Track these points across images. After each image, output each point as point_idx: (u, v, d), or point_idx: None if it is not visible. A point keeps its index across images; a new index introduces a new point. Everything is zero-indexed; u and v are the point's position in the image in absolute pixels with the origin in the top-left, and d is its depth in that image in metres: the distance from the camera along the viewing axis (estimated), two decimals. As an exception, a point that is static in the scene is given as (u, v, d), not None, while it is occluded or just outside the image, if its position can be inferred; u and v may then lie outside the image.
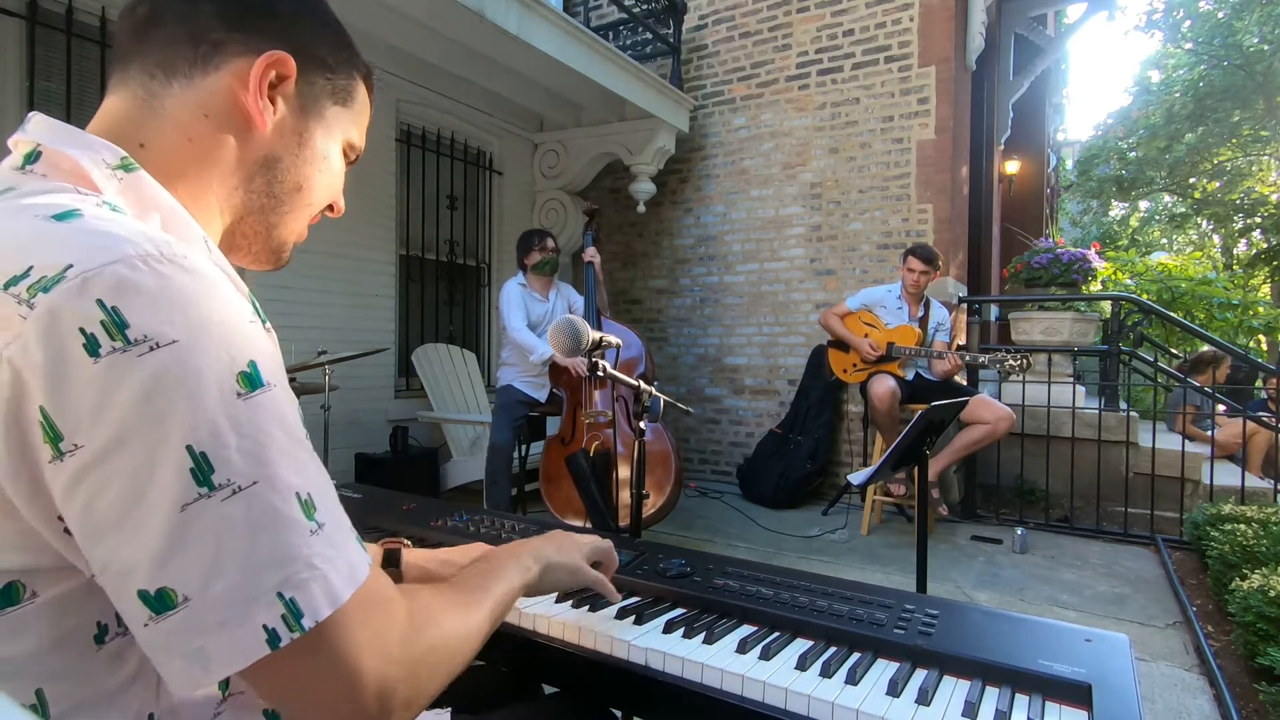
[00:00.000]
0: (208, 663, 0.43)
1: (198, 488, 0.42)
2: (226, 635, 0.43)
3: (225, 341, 0.45)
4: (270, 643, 0.44)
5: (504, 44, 3.69)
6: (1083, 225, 20.10)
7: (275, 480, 0.45)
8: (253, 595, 0.43)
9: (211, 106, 0.59)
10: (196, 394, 0.43)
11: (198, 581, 0.42)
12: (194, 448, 0.42)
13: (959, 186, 4.76)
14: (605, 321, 3.59)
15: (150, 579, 0.42)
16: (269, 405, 0.46)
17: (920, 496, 1.92)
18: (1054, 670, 0.71)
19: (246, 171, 0.62)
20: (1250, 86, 13.55)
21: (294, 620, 0.44)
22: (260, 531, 0.44)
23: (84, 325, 0.41)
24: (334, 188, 0.70)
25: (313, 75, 0.64)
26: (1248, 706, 2.09)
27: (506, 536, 1.15)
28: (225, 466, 0.43)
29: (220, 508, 0.43)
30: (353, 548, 0.49)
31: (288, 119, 0.63)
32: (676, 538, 3.77)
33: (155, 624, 0.43)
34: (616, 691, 0.83)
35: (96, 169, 0.52)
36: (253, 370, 0.46)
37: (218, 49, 0.58)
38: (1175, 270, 8.02)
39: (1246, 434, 4.35)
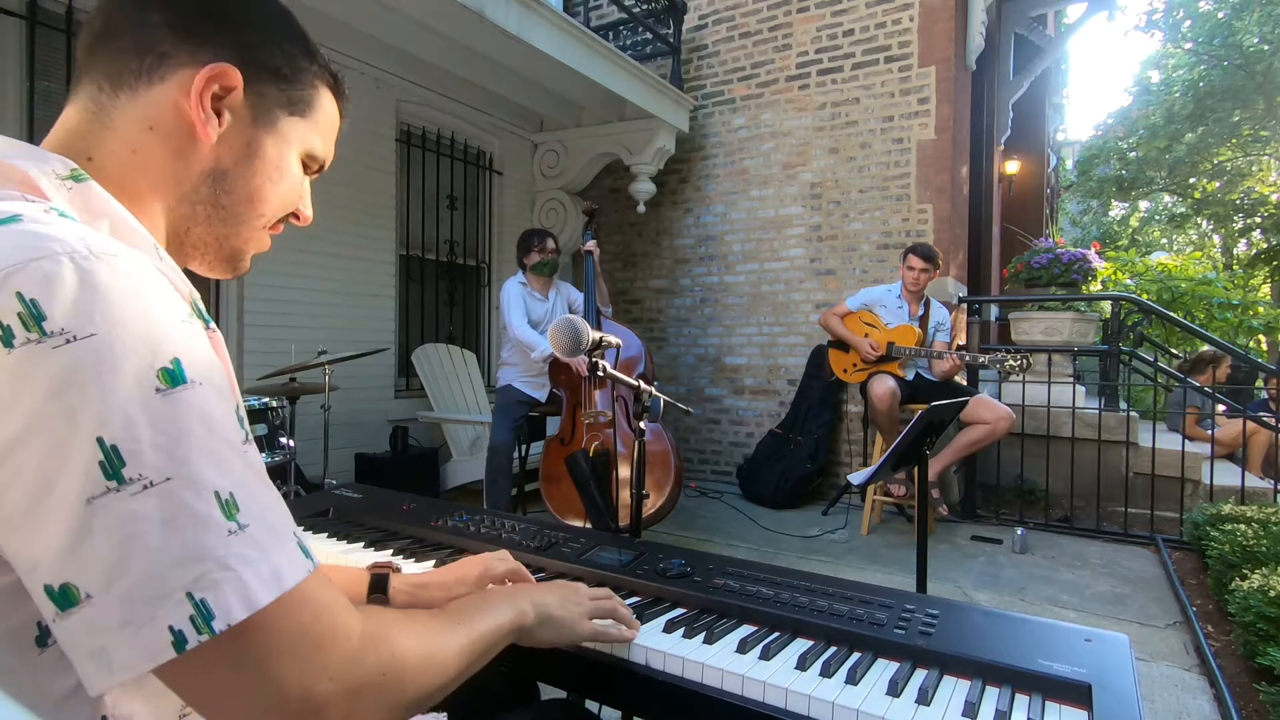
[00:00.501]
0: (110, 663, 0.42)
1: (106, 481, 0.41)
2: (129, 636, 0.42)
3: (147, 337, 0.44)
4: (176, 645, 0.42)
5: (504, 44, 3.69)
6: (1083, 225, 20.10)
7: (191, 477, 0.44)
8: (159, 594, 0.42)
9: (156, 119, 0.59)
10: (110, 386, 0.42)
11: (99, 578, 0.41)
12: (104, 440, 0.41)
13: (959, 186, 4.76)
14: (605, 321, 3.59)
15: (54, 574, 0.41)
16: (192, 402, 0.45)
17: (920, 496, 1.92)
18: (1054, 670, 0.71)
19: (192, 183, 0.61)
20: (1250, 86, 13.55)
21: (203, 622, 0.43)
22: (170, 528, 0.43)
23: (2, 318, 0.41)
24: (290, 198, 0.69)
25: (264, 86, 0.63)
26: (1248, 706, 2.09)
27: (506, 537, 1.15)
28: (136, 461, 0.42)
29: (129, 502, 0.42)
30: (283, 552, 0.47)
31: (235, 130, 0.62)
32: (676, 538, 3.77)
33: (60, 620, 0.42)
34: (616, 691, 0.83)
35: (45, 179, 0.52)
36: (175, 367, 0.45)
37: (163, 61, 0.58)
38: (1175, 270, 8.02)
39: (1246, 434, 4.35)
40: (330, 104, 0.70)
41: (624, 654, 0.80)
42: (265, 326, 3.82)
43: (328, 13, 3.53)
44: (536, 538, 1.13)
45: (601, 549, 1.07)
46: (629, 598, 0.94)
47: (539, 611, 0.75)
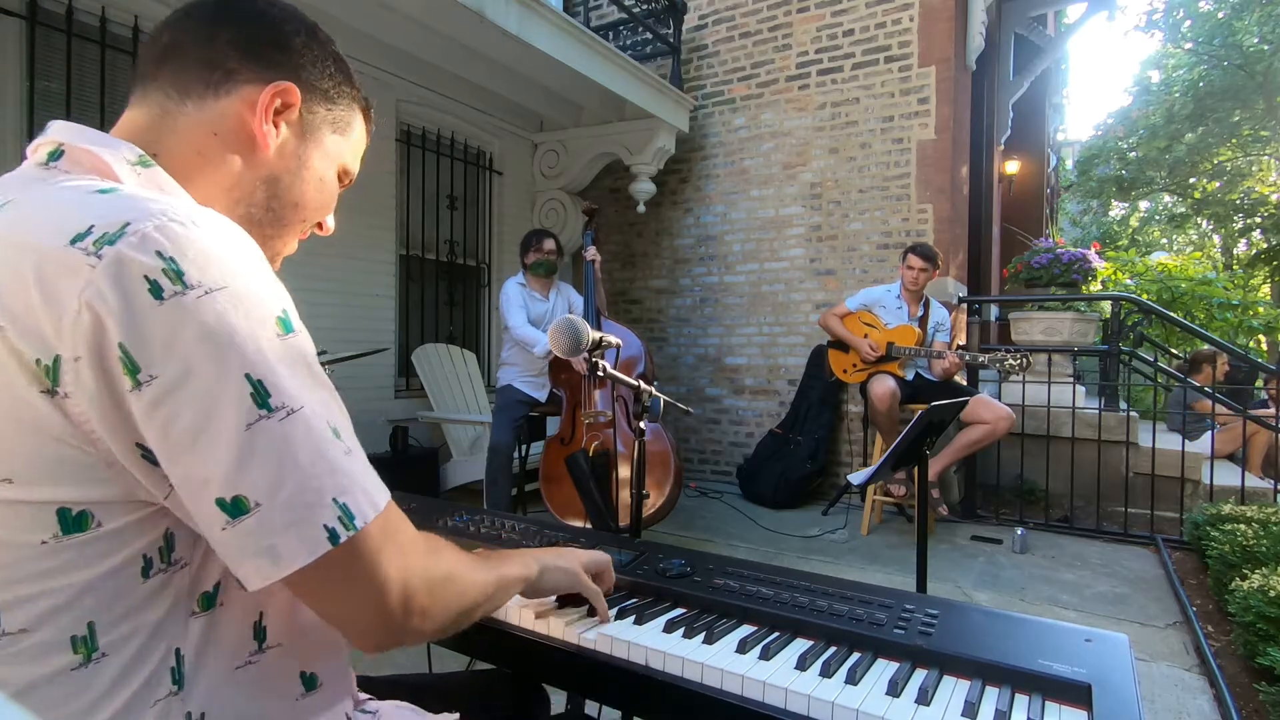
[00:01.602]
0: (278, 559, 0.50)
1: (258, 410, 0.49)
2: (294, 534, 0.50)
3: (265, 289, 0.53)
4: (331, 539, 0.51)
5: (504, 44, 3.69)
6: (1083, 225, 20.10)
7: (317, 406, 0.53)
8: (313, 501, 0.51)
9: (221, 127, 0.65)
10: (249, 332, 0.50)
11: (265, 489, 0.50)
12: (251, 376, 0.49)
13: (959, 186, 4.76)
14: (605, 321, 3.59)
15: (225, 488, 0.49)
16: (301, 347, 0.54)
17: (920, 496, 1.92)
18: (1054, 670, 0.71)
19: (249, 187, 0.68)
20: (1250, 86, 13.55)
21: (348, 520, 0.52)
22: (313, 448, 0.52)
23: (147, 274, 0.47)
24: (327, 208, 0.77)
25: (315, 105, 0.71)
26: (1248, 706, 2.09)
27: (507, 537, 1.15)
28: (279, 393, 0.50)
29: (279, 427, 0.50)
30: (374, 473, 0.57)
31: (290, 142, 0.69)
32: (676, 538, 3.77)
33: (232, 527, 0.49)
34: (616, 691, 0.83)
35: (117, 164, 0.58)
36: (286, 316, 0.54)
37: (230, 76, 0.65)
38: (1175, 270, 8.02)
39: (1247, 434, 4.35)
40: (362, 126, 0.78)
41: (624, 654, 0.81)
42: (265, 326, 3.82)
43: (328, 12, 3.53)
44: (536, 538, 1.13)
45: (602, 549, 1.07)
46: (629, 598, 0.94)
47: (541, 564, 0.83)
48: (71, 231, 0.48)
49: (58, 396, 0.48)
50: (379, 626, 0.57)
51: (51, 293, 0.47)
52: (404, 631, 0.58)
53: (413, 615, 0.58)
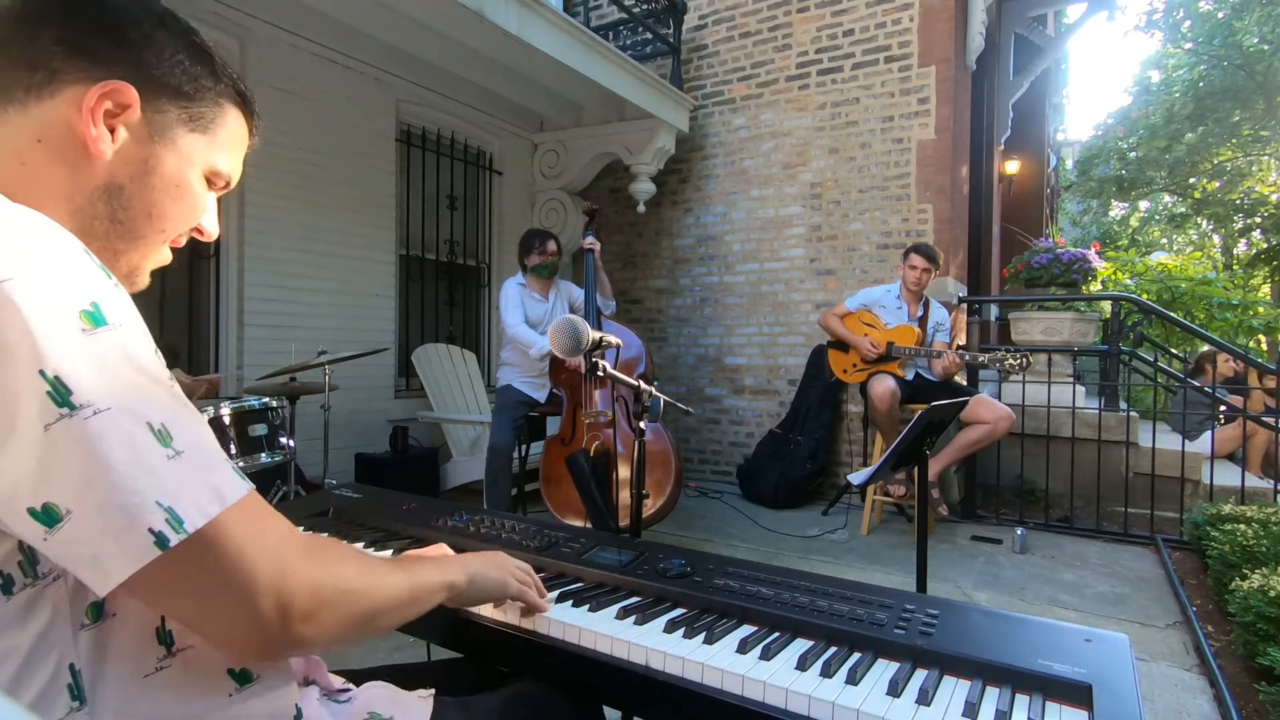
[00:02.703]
0: (105, 568, 0.47)
1: (58, 408, 0.46)
2: (113, 541, 0.47)
3: (62, 281, 0.48)
4: (159, 544, 0.48)
5: (504, 44, 3.69)
6: (1083, 225, 20.10)
7: (132, 402, 0.49)
8: (132, 504, 0.47)
9: (46, 133, 0.59)
10: (46, 326, 0.46)
11: (74, 493, 0.46)
12: (45, 373, 0.46)
13: (959, 186, 4.76)
14: (605, 322, 3.59)
15: (33, 496, 0.46)
16: (119, 341, 0.50)
17: (920, 496, 1.92)
18: (1054, 670, 0.71)
19: (86, 198, 0.61)
20: (1250, 86, 13.54)
21: (176, 524, 0.48)
22: (126, 448, 0.48)
23: None
24: (192, 214, 0.69)
25: (163, 103, 0.64)
26: (1248, 706, 2.09)
27: (506, 537, 1.15)
28: (80, 391, 0.47)
29: (84, 425, 0.46)
30: (220, 474, 0.53)
31: (132, 147, 0.62)
32: (676, 538, 3.77)
33: (51, 537, 0.46)
34: (617, 691, 0.83)
35: None
36: (95, 310, 0.49)
37: (54, 76, 0.59)
38: (1175, 270, 8.02)
39: (1246, 434, 4.35)
40: (237, 121, 0.70)
41: (625, 654, 0.81)
42: (265, 326, 3.82)
43: (328, 13, 3.54)
44: (536, 538, 1.13)
45: (601, 549, 1.07)
46: (629, 598, 0.94)
47: (468, 572, 0.81)
48: None
49: None
50: (253, 634, 0.53)
51: None
52: (286, 640, 0.54)
53: (293, 621, 0.54)
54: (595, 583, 1.00)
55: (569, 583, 1.00)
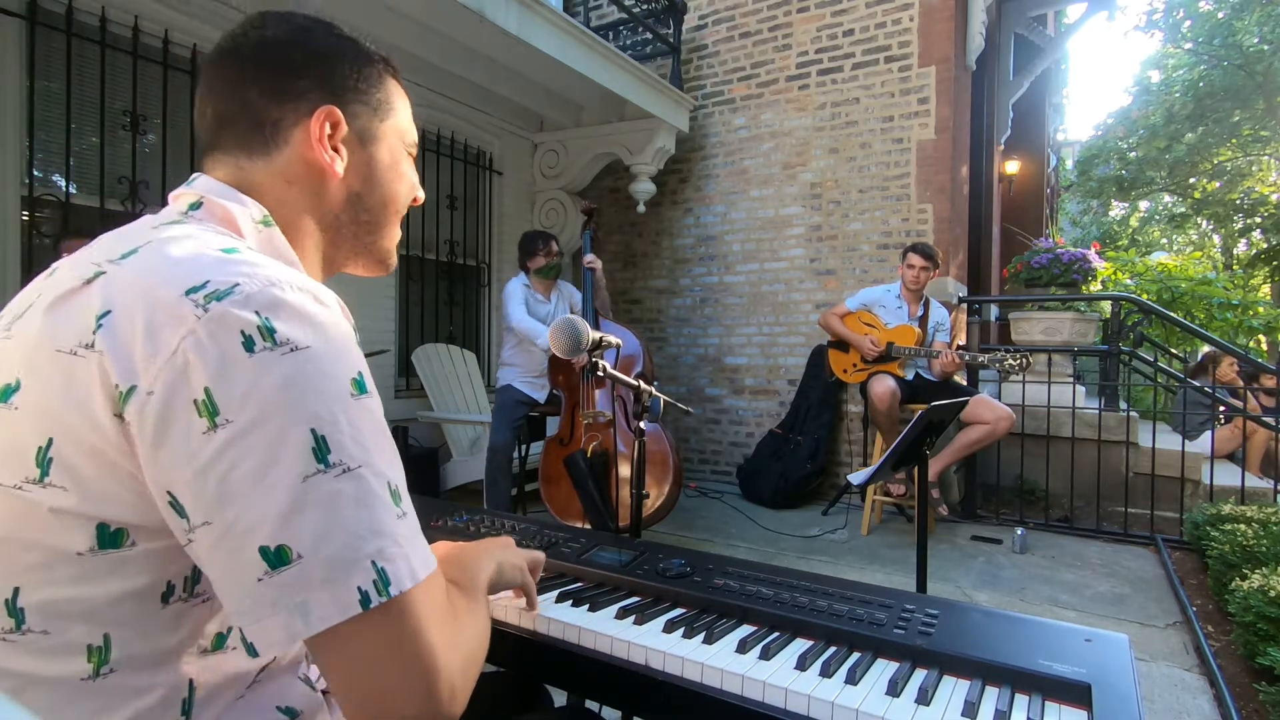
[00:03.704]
0: (308, 616, 0.50)
1: (317, 464, 0.50)
2: (328, 592, 0.50)
3: (344, 353, 0.55)
4: (362, 603, 0.50)
5: (504, 44, 3.69)
6: (1083, 225, 20.10)
7: (375, 467, 0.53)
8: (353, 559, 0.51)
9: (291, 174, 0.68)
10: (322, 389, 0.52)
11: (310, 542, 0.50)
12: (316, 430, 0.51)
13: (959, 186, 4.76)
14: (603, 322, 3.59)
15: (273, 536, 0.49)
16: (372, 409, 0.55)
17: (920, 496, 1.92)
18: (1054, 670, 0.71)
19: (335, 212, 0.71)
20: (1250, 86, 13.54)
21: (383, 586, 0.51)
22: (363, 507, 0.52)
23: (244, 329, 0.51)
24: (413, 185, 0.78)
25: (355, 108, 0.71)
26: (1248, 706, 2.09)
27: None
28: (339, 450, 0.51)
29: (334, 483, 0.51)
30: (424, 542, 0.57)
31: (353, 157, 0.71)
32: (676, 538, 3.77)
33: (270, 578, 0.49)
34: (616, 691, 0.83)
35: (244, 220, 0.64)
36: (360, 379, 0.55)
37: (279, 128, 0.67)
38: (1175, 270, 8.02)
39: (1246, 433, 4.35)
40: (397, 89, 0.76)
41: (624, 654, 0.81)
42: (265, 326, 3.82)
43: (328, 13, 3.53)
44: (536, 538, 1.13)
45: (601, 549, 1.07)
46: (629, 597, 0.94)
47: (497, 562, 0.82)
48: (189, 283, 0.52)
49: (123, 422, 0.50)
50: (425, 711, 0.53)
51: (155, 335, 0.50)
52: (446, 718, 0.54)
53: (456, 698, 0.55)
54: (595, 582, 1.00)
55: (569, 582, 1.00)
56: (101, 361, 0.51)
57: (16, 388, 0.54)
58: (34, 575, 0.52)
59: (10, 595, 0.52)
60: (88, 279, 0.55)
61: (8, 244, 2.98)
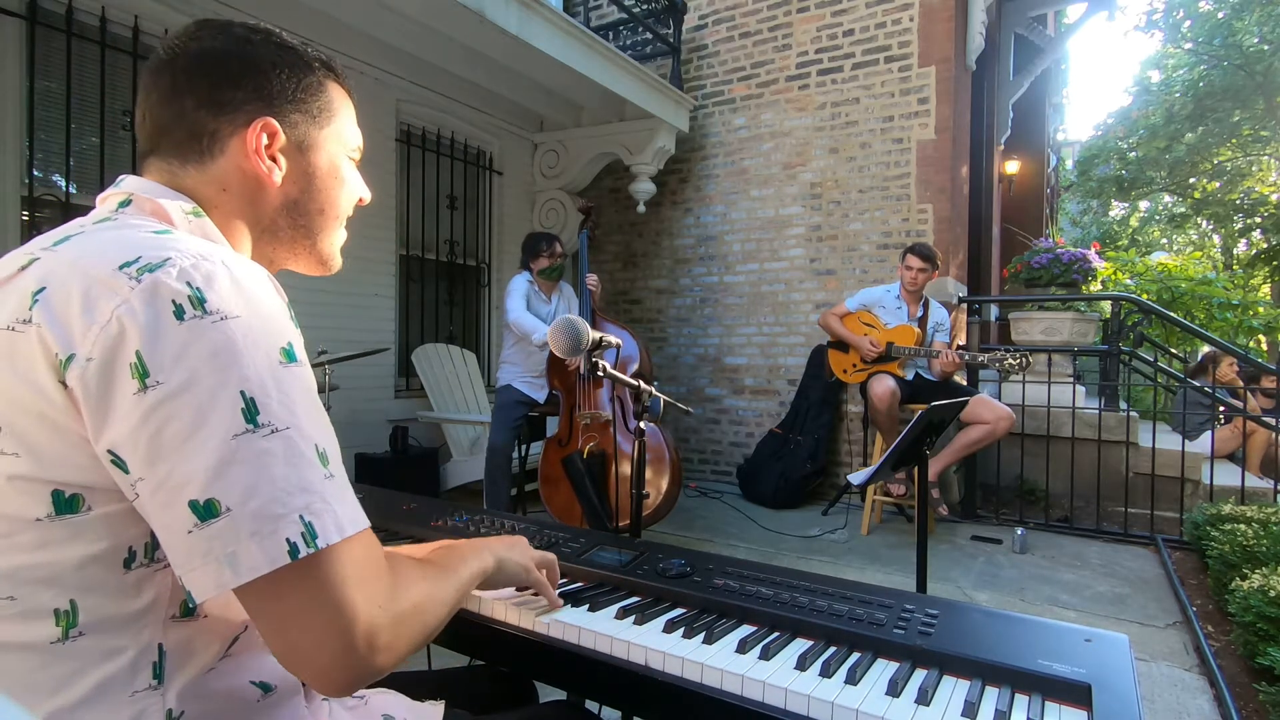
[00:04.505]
0: (237, 566, 0.52)
1: (245, 424, 0.53)
2: (256, 544, 0.52)
3: (272, 324, 0.58)
4: (291, 553, 0.53)
5: (504, 44, 3.69)
6: (1083, 225, 20.10)
7: (303, 430, 0.56)
8: (280, 513, 0.53)
9: (227, 182, 0.69)
10: (251, 357, 0.55)
11: (239, 496, 0.52)
12: (245, 393, 0.54)
13: (959, 186, 4.76)
14: (602, 321, 3.58)
15: (202, 490, 0.52)
16: (300, 377, 0.58)
17: (920, 496, 1.92)
18: (1054, 670, 0.71)
19: (270, 219, 0.72)
20: (1250, 86, 13.54)
21: (310, 539, 0.54)
22: (291, 465, 0.55)
23: (174, 298, 0.54)
24: (353, 191, 0.79)
25: (293, 116, 0.71)
26: (1248, 706, 2.09)
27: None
28: (267, 412, 0.54)
29: (262, 441, 0.54)
30: (354, 503, 0.59)
31: (291, 166, 0.71)
32: (676, 538, 3.77)
33: (199, 530, 0.52)
34: (616, 691, 0.83)
35: (174, 212, 0.65)
36: (290, 348, 0.58)
37: (215, 139, 0.68)
38: (1175, 270, 8.02)
39: (1246, 433, 4.35)
40: (339, 93, 0.76)
41: (624, 654, 0.81)
42: (265, 326, 3.81)
43: (328, 13, 3.53)
44: (536, 538, 1.13)
45: (601, 549, 1.07)
46: (628, 597, 0.94)
47: (496, 556, 0.83)
48: (122, 259, 0.55)
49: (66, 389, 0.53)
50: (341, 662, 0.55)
51: (91, 305, 0.53)
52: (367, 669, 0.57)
53: (377, 652, 0.57)
54: (595, 582, 1.00)
55: (569, 582, 1.00)
56: (40, 333, 0.53)
57: None
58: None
59: None
60: (22, 265, 0.58)
61: (8, 244, 2.98)
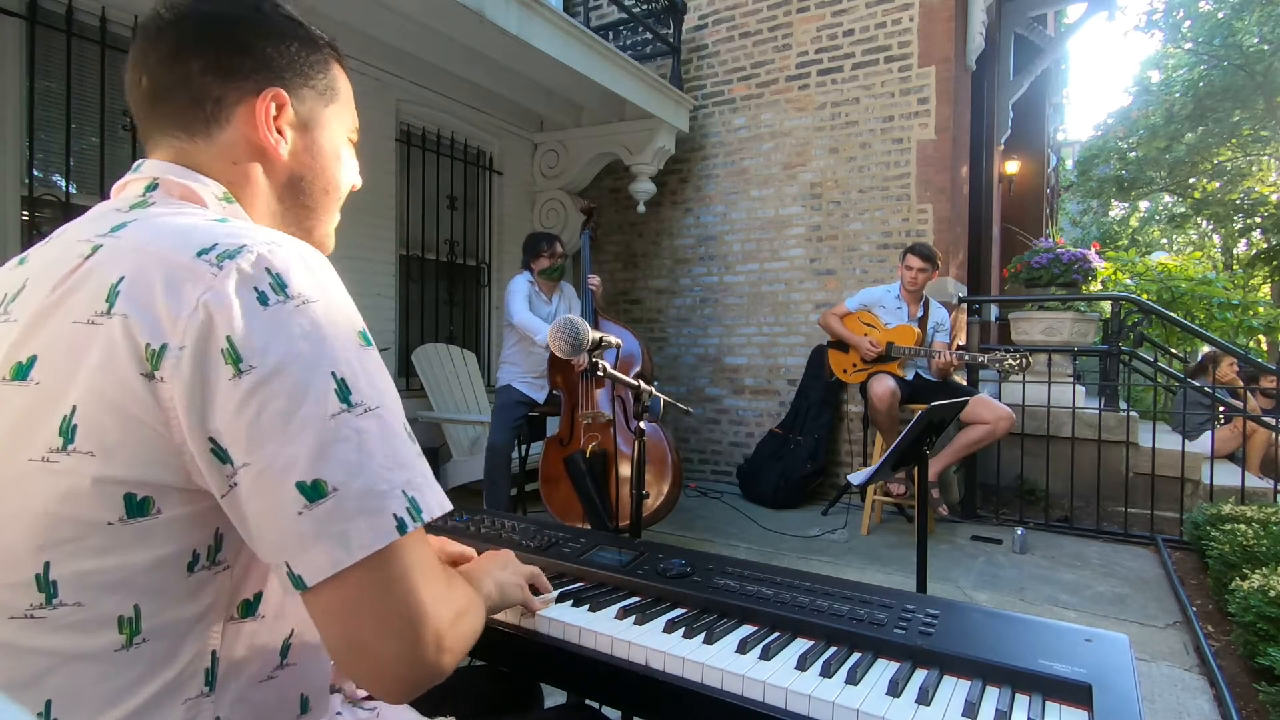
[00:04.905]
0: (349, 544, 0.52)
1: (340, 404, 0.54)
2: (365, 521, 0.53)
3: (348, 308, 0.59)
4: (399, 528, 0.54)
5: (504, 44, 3.69)
6: (1083, 225, 20.10)
7: (391, 408, 0.57)
8: (385, 490, 0.54)
9: (235, 154, 0.67)
10: (336, 338, 0.56)
11: (344, 475, 0.53)
12: (336, 374, 0.54)
13: (959, 186, 4.76)
14: (603, 321, 3.58)
15: (308, 471, 0.52)
16: (377, 358, 0.59)
17: (920, 496, 1.92)
18: (1054, 670, 0.71)
19: (277, 195, 0.71)
20: (1250, 86, 13.54)
21: (415, 513, 0.55)
22: (387, 442, 0.55)
23: (257, 285, 0.54)
24: (352, 173, 0.78)
25: (301, 91, 0.70)
26: (1248, 706, 2.09)
27: (506, 537, 1.15)
28: (359, 392, 0.55)
29: (359, 420, 0.54)
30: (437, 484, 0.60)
31: (298, 140, 0.70)
32: (676, 538, 3.77)
33: (309, 510, 0.52)
34: (617, 691, 0.83)
35: (206, 196, 0.64)
36: (364, 332, 0.59)
37: (220, 105, 0.66)
38: (1175, 270, 8.02)
39: (1246, 433, 4.35)
40: (342, 75, 0.75)
41: (624, 654, 0.81)
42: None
43: (328, 13, 3.53)
44: (536, 538, 1.13)
45: (601, 549, 1.07)
46: (629, 598, 0.94)
47: (496, 583, 0.84)
48: (198, 246, 0.55)
49: (154, 380, 0.52)
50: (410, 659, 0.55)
51: (175, 292, 0.53)
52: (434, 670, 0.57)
53: (444, 653, 0.57)
54: (595, 583, 1.00)
55: (569, 583, 1.00)
56: (126, 325, 0.52)
57: (32, 363, 0.54)
58: (65, 548, 0.52)
59: (42, 570, 0.52)
60: (85, 255, 0.57)
61: (8, 244, 2.98)
